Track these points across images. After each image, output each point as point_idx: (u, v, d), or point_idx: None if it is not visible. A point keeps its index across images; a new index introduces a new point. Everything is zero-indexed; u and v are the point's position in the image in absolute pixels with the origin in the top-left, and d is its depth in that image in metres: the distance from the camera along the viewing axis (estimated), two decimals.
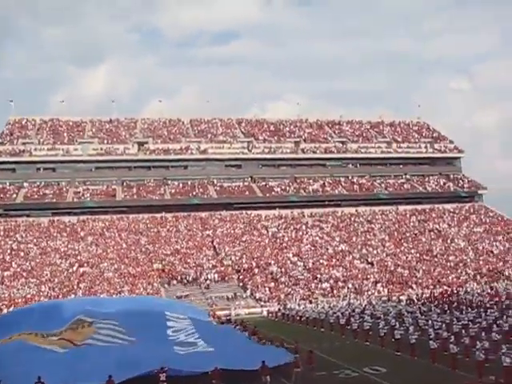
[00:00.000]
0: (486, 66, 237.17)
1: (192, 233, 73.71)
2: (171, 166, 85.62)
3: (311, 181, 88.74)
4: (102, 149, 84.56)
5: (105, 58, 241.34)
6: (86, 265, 63.44)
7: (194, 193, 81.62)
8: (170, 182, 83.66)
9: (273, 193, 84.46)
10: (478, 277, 65.57)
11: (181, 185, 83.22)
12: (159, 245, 69.66)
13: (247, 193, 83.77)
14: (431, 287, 61.59)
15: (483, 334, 28.29)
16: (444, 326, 32.75)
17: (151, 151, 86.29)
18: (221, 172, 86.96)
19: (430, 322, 35.26)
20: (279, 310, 52.87)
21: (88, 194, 78.90)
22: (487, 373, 21.94)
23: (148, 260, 65.66)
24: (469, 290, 58.83)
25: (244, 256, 67.55)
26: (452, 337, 28.28)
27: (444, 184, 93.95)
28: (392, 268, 67.29)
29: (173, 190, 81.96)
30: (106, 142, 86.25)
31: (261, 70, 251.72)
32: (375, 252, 71.91)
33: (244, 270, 64.40)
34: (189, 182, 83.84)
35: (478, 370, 22.17)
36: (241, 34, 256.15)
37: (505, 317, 35.12)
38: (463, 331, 30.68)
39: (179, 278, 61.64)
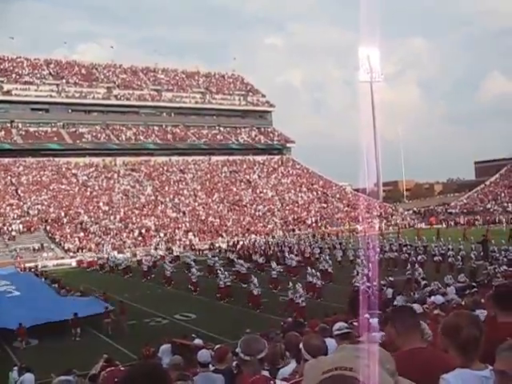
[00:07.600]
0: (299, 26, 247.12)
1: None
2: None
3: (124, 128, 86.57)
4: None
5: None
6: None
7: None
8: None
9: (83, 139, 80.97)
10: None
11: None
12: None
13: (55, 139, 79.35)
14: (240, 235, 63.99)
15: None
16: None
17: None
18: (26, 116, 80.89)
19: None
20: (90, 260, 51.47)
21: None
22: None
23: None
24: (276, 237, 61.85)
25: (52, 205, 64.59)
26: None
27: (255, 136, 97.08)
28: (203, 217, 68.63)
29: None
30: None
31: (70, 9, 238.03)
32: (187, 201, 72.74)
33: (52, 219, 61.60)
34: None
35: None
36: None
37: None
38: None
39: None
